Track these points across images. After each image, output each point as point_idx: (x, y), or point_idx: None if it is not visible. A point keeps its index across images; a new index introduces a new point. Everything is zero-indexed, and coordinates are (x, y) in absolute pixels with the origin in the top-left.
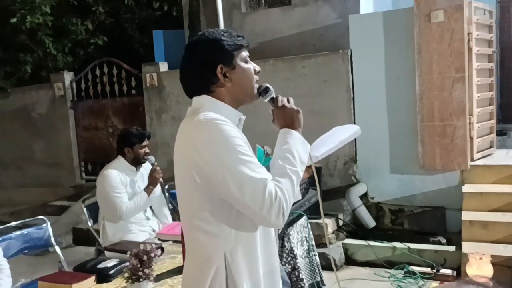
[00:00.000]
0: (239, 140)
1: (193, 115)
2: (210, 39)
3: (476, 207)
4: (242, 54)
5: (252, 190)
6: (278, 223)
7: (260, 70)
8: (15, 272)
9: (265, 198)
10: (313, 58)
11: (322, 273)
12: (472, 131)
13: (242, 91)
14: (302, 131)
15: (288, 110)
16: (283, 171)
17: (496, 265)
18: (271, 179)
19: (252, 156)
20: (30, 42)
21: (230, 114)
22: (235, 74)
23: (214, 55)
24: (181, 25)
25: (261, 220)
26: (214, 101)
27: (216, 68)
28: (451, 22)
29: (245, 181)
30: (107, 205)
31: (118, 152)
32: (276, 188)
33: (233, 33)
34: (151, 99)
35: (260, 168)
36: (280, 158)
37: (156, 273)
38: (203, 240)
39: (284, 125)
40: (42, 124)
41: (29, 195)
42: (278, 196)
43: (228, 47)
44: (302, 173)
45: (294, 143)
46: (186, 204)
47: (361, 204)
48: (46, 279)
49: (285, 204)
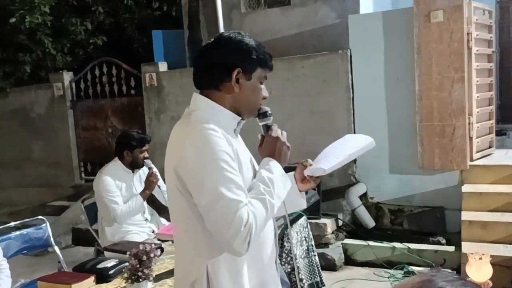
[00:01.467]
0: (225, 155)
1: (186, 118)
2: (245, 42)
3: (476, 207)
4: (262, 74)
5: (222, 210)
6: (241, 250)
7: (267, 97)
8: (14, 272)
9: (234, 221)
10: (313, 58)
11: (321, 273)
12: (471, 131)
13: (245, 104)
14: (301, 131)
15: (280, 144)
16: (262, 198)
17: (496, 265)
18: (246, 203)
19: (235, 173)
20: (29, 42)
21: (228, 118)
22: (247, 85)
23: (240, 58)
24: (181, 25)
25: (223, 243)
26: (212, 104)
27: (234, 69)
28: (450, 22)
29: (217, 198)
30: (103, 208)
31: (116, 153)
32: (249, 213)
33: (266, 53)
34: (150, 99)
35: (239, 189)
36: (262, 183)
37: (155, 273)
38: (186, 248)
39: (271, 156)
40: (41, 124)
41: (28, 195)
42: (249, 223)
43: (255, 58)
44: (276, 209)
45: (278, 177)
46: (173, 209)
47: (360, 204)
48: (46, 279)
49: (253, 233)
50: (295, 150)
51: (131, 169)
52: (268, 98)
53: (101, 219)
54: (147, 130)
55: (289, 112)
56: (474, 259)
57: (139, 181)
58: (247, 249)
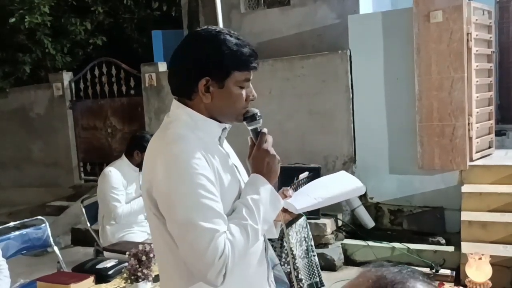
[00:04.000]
0: (202, 179)
1: (163, 131)
2: (215, 44)
3: (475, 207)
4: (240, 77)
5: (194, 240)
6: (215, 283)
7: (255, 98)
8: (13, 273)
9: (207, 252)
10: (312, 58)
11: (321, 273)
12: (471, 131)
13: (221, 113)
14: (301, 131)
15: (270, 158)
16: (243, 224)
17: (495, 266)
18: (223, 231)
19: (213, 198)
20: (28, 42)
21: (210, 127)
22: (219, 94)
23: (208, 64)
24: (180, 25)
25: (196, 274)
26: (191, 114)
27: (200, 78)
28: (450, 23)
29: (189, 227)
30: (105, 206)
31: (127, 152)
32: (226, 243)
33: (244, 49)
34: (150, 99)
35: (217, 217)
36: (245, 206)
37: (155, 274)
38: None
39: (259, 172)
40: (40, 124)
41: (28, 195)
42: (225, 254)
43: (229, 62)
44: (261, 233)
45: (266, 198)
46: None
47: (360, 204)
48: (45, 279)
49: (230, 264)
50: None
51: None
52: (268, 98)
53: (102, 217)
54: (147, 130)
55: (289, 112)
56: (474, 259)
57: None
58: (222, 282)
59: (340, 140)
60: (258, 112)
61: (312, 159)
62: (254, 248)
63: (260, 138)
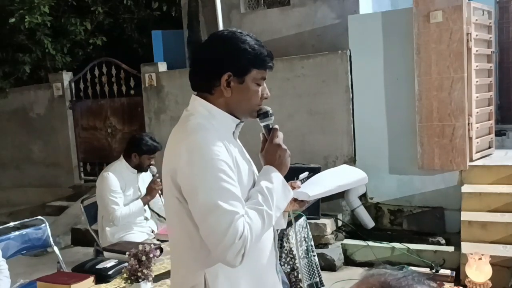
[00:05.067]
0: (223, 164)
1: (184, 123)
2: (237, 43)
3: (475, 207)
4: (258, 75)
5: (215, 221)
6: (234, 263)
7: (269, 97)
8: (13, 273)
9: (228, 233)
10: (312, 58)
11: (321, 273)
12: (471, 132)
13: (239, 107)
14: (301, 131)
15: (281, 152)
16: (259, 209)
17: (495, 266)
18: (242, 214)
19: (233, 183)
20: (28, 42)
21: (226, 121)
22: (239, 88)
23: (230, 61)
24: (180, 25)
25: (216, 254)
26: (210, 108)
27: (224, 73)
28: (450, 23)
29: (211, 209)
30: (102, 207)
31: (125, 153)
32: (245, 225)
33: (263, 49)
34: (150, 99)
35: (236, 200)
36: (261, 193)
37: (155, 274)
38: (183, 254)
39: (271, 164)
40: (40, 124)
41: (28, 195)
42: (244, 235)
43: (248, 60)
44: (274, 220)
45: (278, 188)
46: (169, 214)
47: (360, 205)
48: (45, 279)
49: (248, 245)
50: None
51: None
52: (268, 98)
53: (101, 218)
54: (147, 130)
55: (289, 112)
56: (474, 259)
57: (142, 183)
58: (241, 262)
59: (340, 140)
60: (270, 110)
61: (312, 159)
62: (267, 235)
63: (272, 133)
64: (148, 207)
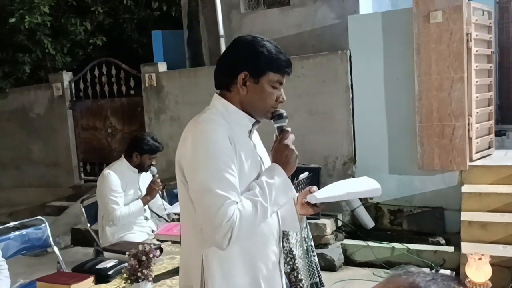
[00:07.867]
0: (223, 153)
1: (200, 115)
2: (256, 46)
3: (475, 207)
4: (274, 78)
5: (208, 202)
6: (221, 245)
7: (284, 101)
8: (13, 273)
9: (217, 215)
10: (312, 59)
11: (321, 273)
12: (471, 132)
13: (253, 106)
14: (301, 131)
15: (289, 152)
16: (254, 200)
17: (495, 266)
18: (235, 201)
19: (231, 172)
20: (28, 42)
21: (241, 119)
22: (254, 88)
23: (248, 61)
24: (180, 25)
25: (206, 234)
26: (226, 104)
27: (241, 72)
28: (450, 23)
29: (206, 191)
30: (103, 206)
31: (126, 153)
32: (236, 211)
33: (281, 55)
34: (149, 100)
35: (231, 189)
36: (259, 186)
37: (155, 274)
38: (189, 235)
39: (278, 162)
40: (40, 124)
41: (28, 195)
42: (232, 219)
43: (265, 62)
44: (269, 213)
45: (279, 184)
46: (180, 200)
47: (360, 205)
48: (45, 279)
49: (236, 230)
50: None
51: (137, 170)
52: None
53: (101, 218)
54: (147, 130)
55: (289, 112)
56: (474, 259)
57: (142, 183)
58: (227, 245)
59: (340, 140)
60: (285, 113)
61: (312, 159)
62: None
63: (283, 134)
64: (148, 207)
